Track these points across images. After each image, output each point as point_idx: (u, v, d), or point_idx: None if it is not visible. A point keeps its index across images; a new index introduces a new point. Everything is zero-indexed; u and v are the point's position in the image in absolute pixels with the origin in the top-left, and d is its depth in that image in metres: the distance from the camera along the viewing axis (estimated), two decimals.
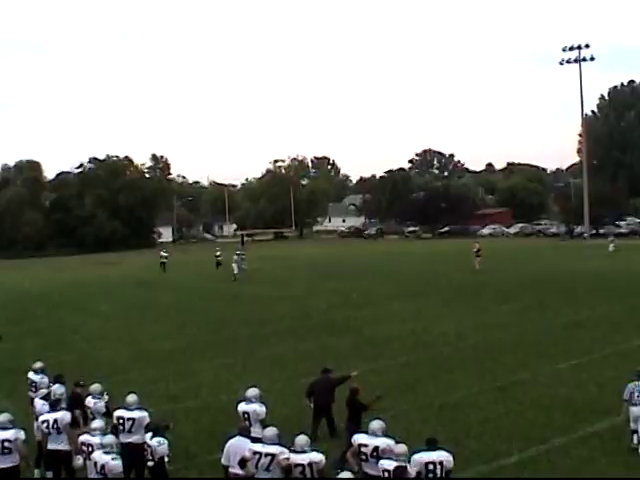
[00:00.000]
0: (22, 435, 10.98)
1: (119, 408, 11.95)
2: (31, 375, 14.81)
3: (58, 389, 13.34)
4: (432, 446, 9.53)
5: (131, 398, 11.88)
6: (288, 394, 16.97)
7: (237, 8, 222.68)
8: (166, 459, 10.71)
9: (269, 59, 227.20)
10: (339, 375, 14.82)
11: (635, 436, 12.94)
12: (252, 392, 12.14)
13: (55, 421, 11.61)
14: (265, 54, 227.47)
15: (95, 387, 12.84)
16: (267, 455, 9.78)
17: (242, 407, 12.03)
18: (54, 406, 12.04)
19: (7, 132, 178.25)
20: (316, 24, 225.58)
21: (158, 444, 10.53)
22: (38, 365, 14.92)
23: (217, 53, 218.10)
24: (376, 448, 9.86)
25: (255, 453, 9.88)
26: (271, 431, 10.05)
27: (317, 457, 9.60)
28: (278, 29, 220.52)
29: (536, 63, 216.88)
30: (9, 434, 10.80)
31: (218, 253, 55.84)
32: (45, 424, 11.68)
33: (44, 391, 13.41)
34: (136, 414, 11.65)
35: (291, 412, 15.15)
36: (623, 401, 13.25)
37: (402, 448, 9.35)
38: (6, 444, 10.74)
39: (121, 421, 11.66)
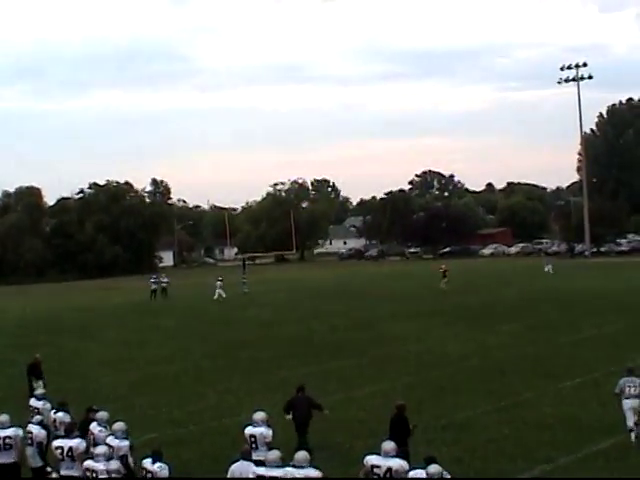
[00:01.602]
0: (21, 432, 12.21)
1: (110, 435, 11.80)
2: (33, 402, 14.76)
3: (63, 417, 13.28)
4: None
5: (116, 426, 11.71)
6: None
7: (238, 28, 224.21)
8: None
9: (269, 78, 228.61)
10: (315, 402, 14.67)
11: (632, 434, 13.81)
12: (259, 415, 12.12)
13: (70, 449, 11.50)
14: (265, 73, 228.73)
15: (101, 415, 12.60)
16: (270, 478, 9.74)
17: (249, 430, 12.00)
18: (69, 433, 11.95)
19: (7, 159, 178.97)
20: (314, 41, 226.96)
21: (159, 469, 10.44)
22: (40, 391, 14.90)
23: (216, 72, 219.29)
24: (389, 469, 9.76)
25: (259, 477, 9.86)
26: (274, 454, 10.03)
27: (314, 473, 9.68)
28: (278, 43, 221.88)
29: (534, 82, 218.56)
30: (9, 432, 12.01)
31: (166, 280, 55.70)
32: (59, 450, 11.60)
33: (39, 417, 13.31)
34: (114, 442, 11.44)
35: (294, 436, 15.06)
36: (614, 395, 14.40)
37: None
38: (7, 441, 11.93)
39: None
